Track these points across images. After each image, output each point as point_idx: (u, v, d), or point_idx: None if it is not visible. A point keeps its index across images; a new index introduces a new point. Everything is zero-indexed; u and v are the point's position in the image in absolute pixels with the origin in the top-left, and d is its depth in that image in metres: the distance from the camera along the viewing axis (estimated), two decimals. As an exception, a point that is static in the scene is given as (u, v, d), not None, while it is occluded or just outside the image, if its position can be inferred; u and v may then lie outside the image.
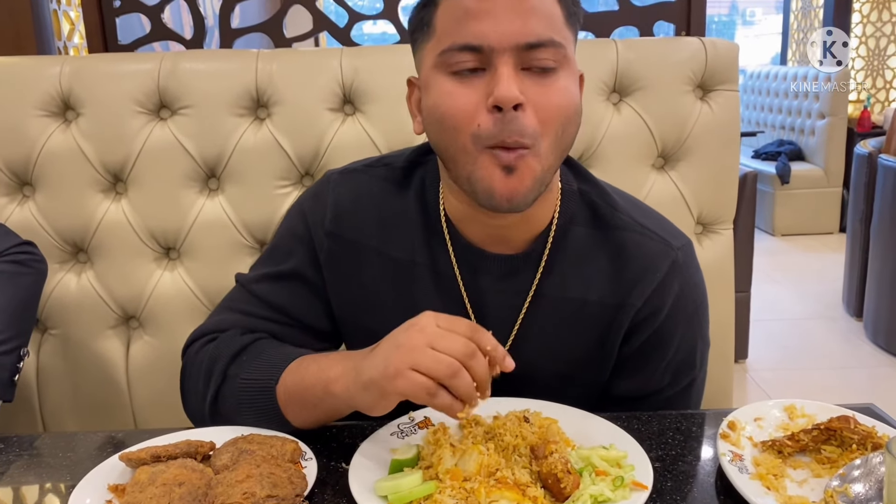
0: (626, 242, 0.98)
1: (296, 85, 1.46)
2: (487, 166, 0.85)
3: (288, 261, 1.05)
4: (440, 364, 0.77)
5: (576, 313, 0.98)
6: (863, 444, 0.82)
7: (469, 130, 0.84)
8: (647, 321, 0.98)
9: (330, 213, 1.03)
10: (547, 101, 0.85)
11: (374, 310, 1.03)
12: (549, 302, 0.98)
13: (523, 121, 0.83)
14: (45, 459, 0.94)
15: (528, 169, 0.85)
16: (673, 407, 1.04)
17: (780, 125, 6.15)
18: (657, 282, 0.97)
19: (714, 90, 1.48)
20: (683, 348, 1.01)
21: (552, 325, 0.99)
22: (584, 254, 0.98)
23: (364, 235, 1.02)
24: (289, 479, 0.78)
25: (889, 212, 3.46)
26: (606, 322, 0.98)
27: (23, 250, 1.33)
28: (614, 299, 0.97)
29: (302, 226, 1.05)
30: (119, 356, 1.53)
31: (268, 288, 1.05)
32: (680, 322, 1.00)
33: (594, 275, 0.98)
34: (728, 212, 1.53)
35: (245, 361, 0.96)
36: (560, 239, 0.98)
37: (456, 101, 0.85)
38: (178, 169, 1.47)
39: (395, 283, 1.01)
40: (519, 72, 0.84)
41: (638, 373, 1.02)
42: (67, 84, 1.45)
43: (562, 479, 0.75)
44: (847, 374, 3.37)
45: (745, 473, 0.80)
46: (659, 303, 0.98)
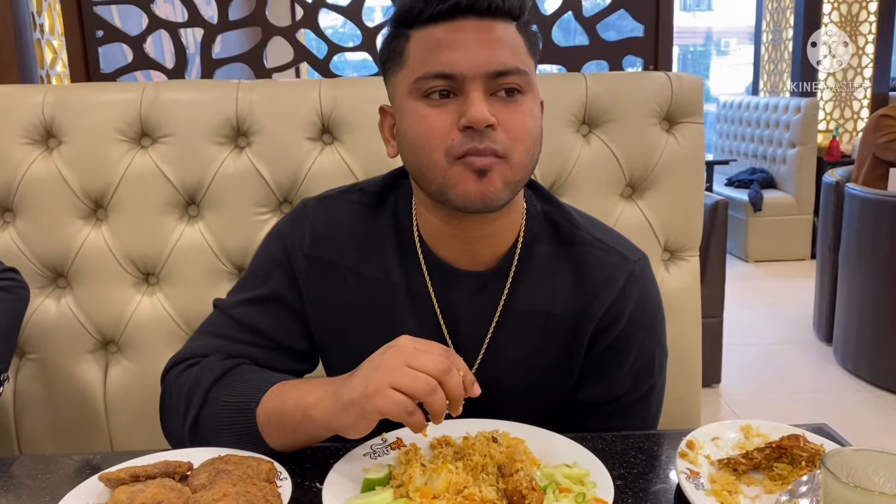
0: (586, 257, 1.05)
1: (275, 114, 1.50)
2: (460, 173, 0.90)
3: (266, 284, 1.08)
4: (418, 381, 0.82)
5: (542, 325, 1.04)
6: (811, 461, 0.87)
7: (443, 147, 0.90)
8: (607, 330, 1.04)
9: (308, 236, 1.07)
10: (515, 122, 0.92)
11: (352, 329, 1.07)
12: (518, 315, 1.04)
13: (494, 136, 0.90)
14: (24, 481, 0.96)
15: (500, 174, 0.91)
16: (634, 412, 1.09)
17: (752, 153, 6.29)
18: (616, 292, 1.04)
19: (680, 122, 1.54)
20: (642, 355, 1.07)
21: (520, 336, 1.05)
22: (548, 269, 1.05)
23: (341, 257, 1.06)
24: (264, 497, 0.80)
25: (856, 239, 3.55)
26: (570, 332, 1.04)
27: (6, 277, 1.35)
28: (577, 310, 1.03)
29: (280, 250, 1.08)
30: (97, 381, 1.54)
31: (246, 311, 1.08)
32: (638, 330, 1.06)
33: (557, 288, 1.04)
34: (694, 239, 1.58)
35: (226, 385, 0.99)
36: (525, 256, 1.04)
37: (430, 124, 0.91)
38: (159, 196, 1.49)
39: (372, 302, 1.05)
40: (488, 97, 0.91)
41: (600, 379, 1.07)
42: (50, 112, 1.48)
43: (526, 495, 0.79)
44: (817, 397, 3.43)
45: (701, 490, 0.84)
46: (618, 312, 1.04)
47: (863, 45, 5.86)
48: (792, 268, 5.56)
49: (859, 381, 3.53)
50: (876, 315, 3.45)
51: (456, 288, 1.04)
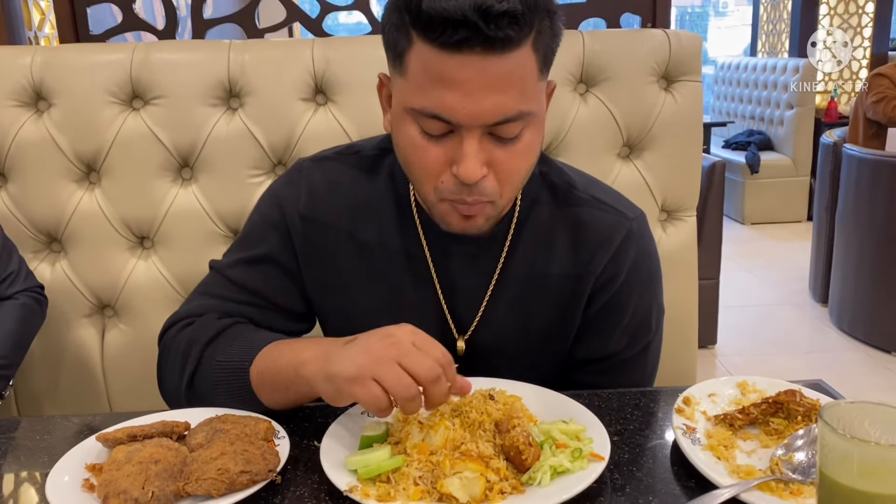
0: (584, 217, 1.04)
1: (268, 75, 1.48)
2: (446, 209, 0.91)
3: (261, 245, 1.08)
4: (401, 384, 0.79)
5: (540, 287, 1.04)
6: (807, 415, 0.87)
7: (432, 184, 0.90)
8: (605, 287, 1.04)
9: (304, 197, 1.06)
10: (510, 165, 0.88)
11: (347, 292, 1.06)
12: (515, 278, 1.04)
13: (484, 185, 0.88)
14: (23, 442, 0.96)
15: (484, 214, 0.92)
16: (630, 369, 1.10)
17: (749, 115, 6.25)
18: (613, 250, 1.03)
19: (678, 81, 1.52)
20: (639, 312, 1.07)
21: (518, 299, 1.04)
22: (546, 231, 1.04)
23: (337, 220, 1.05)
24: (262, 455, 0.81)
25: (853, 200, 3.54)
26: (568, 292, 1.04)
27: (42, 293, 1.42)
28: (575, 270, 1.03)
29: (276, 211, 1.07)
30: (94, 344, 1.54)
31: (242, 272, 1.07)
32: (635, 287, 1.06)
33: (556, 249, 1.04)
34: (691, 199, 1.58)
35: (221, 344, 0.99)
36: (523, 219, 1.04)
37: (422, 158, 0.88)
38: (152, 159, 1.48)
39: (368, 266, 1.05)
40: (485, 137, 0.86)
41: (598, 336, 1.07)
42: (39, 74, 1.46)
43: (523, 451, 0.79)
44: (812, 357, 3.46)
45: (697, 445, 0.84)
46: (615, 269, 1.04)
47: (863, 4, 5.80)
48: (788, 230, 5.57)
49: (854, 340, 3.55)
50: (871, 275, 3.46)
51: (453, 253, 1.03)
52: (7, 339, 1.30)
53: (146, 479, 0.78)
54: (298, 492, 0.81)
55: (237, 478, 0.77)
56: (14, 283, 1.35)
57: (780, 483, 0.77)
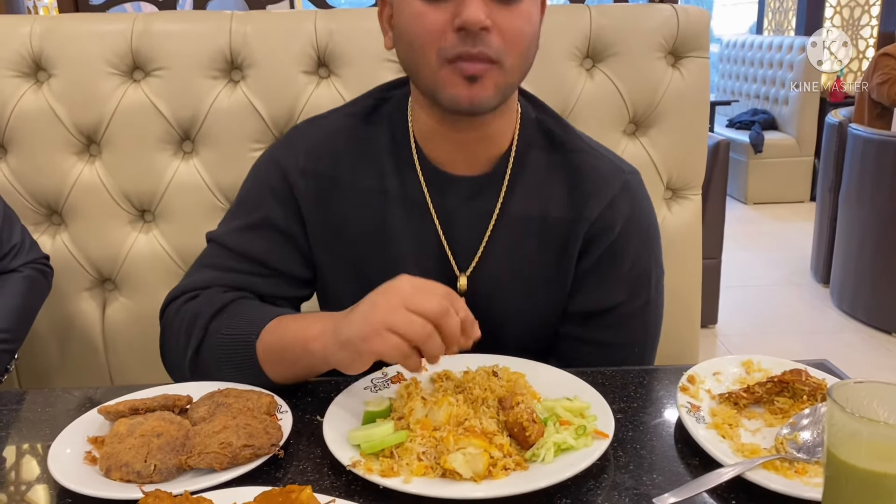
0: (580, 163, 1.05)
1: (270, 47, 1.46)
2: (450, 76, 0.90)
3: (259, 210, 1.07)
4: (414, 326, 0.80)
5: (538, 230, 1.04)
6: (813, 395, 0.87)
7: (435, 47, 0.90)
8: (600, 236, 1.04)
9: (302, 154, 1.06)
10: (511, 25, 0.90)
11: (351, 242, 1.06)
12: (513, 220, 1.04)
13: (488, 40, 0.89)
14: (25, 415, 0.96)
15: (492, 79, 0.91)
16: (630, 326, 1.09)
17: (754, 94, 6.20)
18: (610, 197, 1.04)
19: (685, 57, 1.50)
20: (637, 266, 1.07)
21: (516, 242, 1.05)
22: (543, 175, 1.05)
23: (337, 169, 1.05)
24: (265, 429, 0.80)
25: (857, 180, 3.53)
26: (564, 237, 1.04)
27: (47, 264, 1.40)
28: (571, 214, 1.04)
29: (274, 174, 1.07)
30: (95, 318, 1.54)
31: (240, 239, 1.06)
32: (632, 240, 1.06)
33: (553, 193, 1.05)
34: (697, 178, 1.56)
35: (226, 318, 0.98)
36: (520, 161, 1.05)
37: (424, 22, 0.90)
38: (152, 131, 1.46)
39: (369, 212, 1.05)
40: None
41: (597, 287, 1.06)
42: (38, 44, 1.44)
43: (527, 427, 0.79)
44: (813, 338, 3.46)
45: (701, 423, 0.84)
46: (611, 218, 1.04)
47: (871, -18, 5.73)
48: (790, 210, 5.55)
49: (855, 321, 3.55)
50: (874, 256, 3.45)
51: (451, 192, 1.04)
52: (11, 313, 1.30)
53: (148, 453, 0.77)
54: (301, 466, 0.81)
55: (240, 452, 0.77)
56: (18, 256, 1.33)
57: (785, 462, 0.76)
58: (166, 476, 0.77)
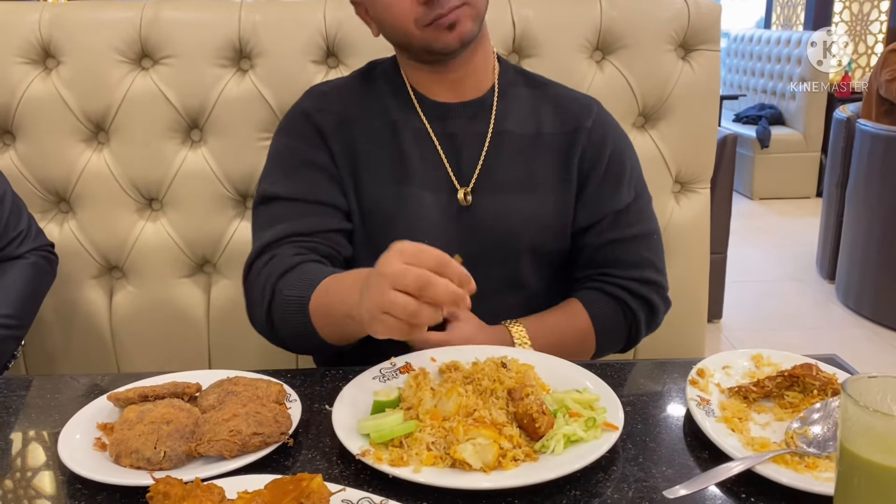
0: (557, 92, 1.23)
1: (279, 36, 1.45)
2: (434, 33, 1.05)
3: (293, 156, 1.16)
4: (402, 306, 0.77)
5: (534, 144, 1.17)
6: (823, 390, 0.86)
7: (411, 20, 1.05)
8: (601, 144, 1.18)
9: (318, 100, 1.20)
10: None
11: (370, 170, 1.16)
12: (508, 138, 1.17)
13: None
14: (34, 401, 0.96)
15: (467, 17, 1.05)
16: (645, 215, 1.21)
17: (761, 89, 6.17)
18: (594, 113, 1.19)
19: (695, 50, 1.49)
20: (636, 170, 1.23)
21: (513, 154, 1.16)
22: (529, 102, 1.20)
23: (348, 110, 1.18)
24: (274, 418, 0.80)
25: (864, 176, 3.51)
26: (564, 147, 1.17)
27: (52, 251, 1.41)
28: (567, 127, 1.18)
29: (300, 119, 1.18)
30: (102, 306, 1.54)
31: (284, 186, 1.14)
32: (625, 146, 1.22)
33: (542, 116, 1.19)
34: (706, 171, 1.56)
35: (289, 279, 1.04)
36: (504, 92, 1.19)
37: (394, 8, 1.05)
38: (161, 119, 1.46)
39: (381, 141, 1.17)
40: None
41: (615, 190, 1.18)
42: (47, 31, 1.44)
43: (537, 419, 0.78)
44: (818, 334, 3.45)
45: (711, 417, 0.84)
46: (603, 129, 1.19)
47: (881, -23, 5.70)
48: (796, 206, 5.53)
49: (860, 318, 3.54)
50: (880, 252, 3.44)
51: (448, 118, 1.17)
52: (18, 299, 1.30)
53: (158, 439, 0.77)
54: (310, 455, 0.81)
55: (249, 440, 0.77)
56: (24, 243, 1.34)
57: (796, 456, 0.76)
58: (176, 463, 0.77)
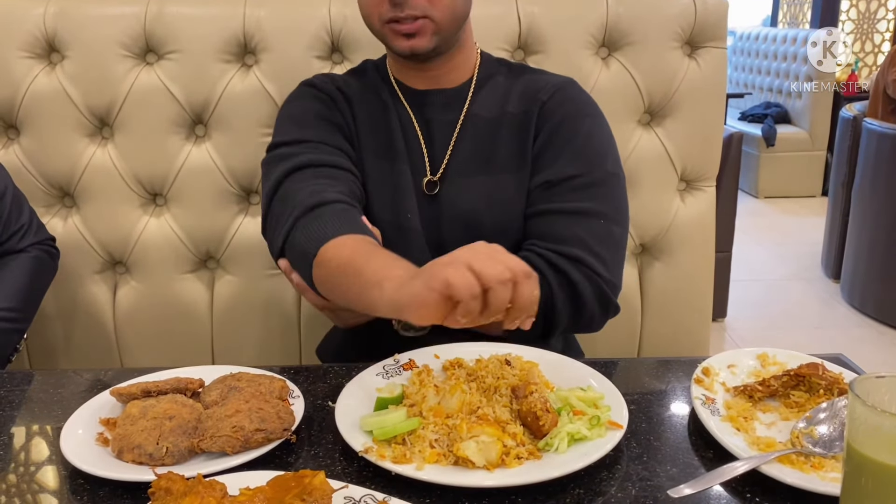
0: (531, 77, 1.26)
1: (284, 32, 1.45)
2: (391, 34, 1.12)
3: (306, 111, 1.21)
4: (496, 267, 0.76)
5: (498, 125, 1.22)
6: (830, 389, 0.86)
7: (376, 14, 1.12)
8: (551, 114, 1.19)
9: (324, 78, 1.26)
10: None
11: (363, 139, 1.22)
12: (476, 122, 1.22)
13: (414, 2, 1.08)
14: (36, 395, 0.96)
15: (425, 31, 1.11)
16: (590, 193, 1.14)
17: (767, 87, 6.15)
18: (556, 87, 1.22)
19: (702, 47, 1.48)
20: (591, 141, 1.19)
21: (479, 139, 1.22)
22: (502, 89, 1.24)
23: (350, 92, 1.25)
24: (277, 414, 0.80)
25: (871, 175, 3.49)
26: (523, 123, 1.21)
27: (53, 246, 1.41)
28: (526, 106, 1.22)
29: (307, 89, 1.24)
30: (106, 301, 1.54)
31: (295, 131, 1.18)
32: (583, 115, 1.20)
33: (509, 98, 1.23)
34: (712, 169, 1.55)
35: (310, 219, 1.03)
36: (482, 83, 1.24)
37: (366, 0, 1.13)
38: (165, 114, 1.46)
39: (376, 117, 1.23)
40: None
41: (554, 158, 1.18)
42: (52, 25, 1.43)
43: (540, 416, 0.78)
44: (822, 333, 3.44)
45: (716, 416, 0.83)
46: (560, 100, 1.20)
47: (888, -25, 5.67)
48: (801, 204, 5.51)
49: (865, 317, 3.53)
50: (886, 251, 3.42)
51: (426, 106, 1.23)
52: (20, 292, 1.30)
53: (160, 435, 0.77)
54: (313, 451, 0.80)
55: (252, 436, 0.77)
56: (25, 237, 1.34)
57: (801, 456, 0.76)
58: (178, 459, 0.77)
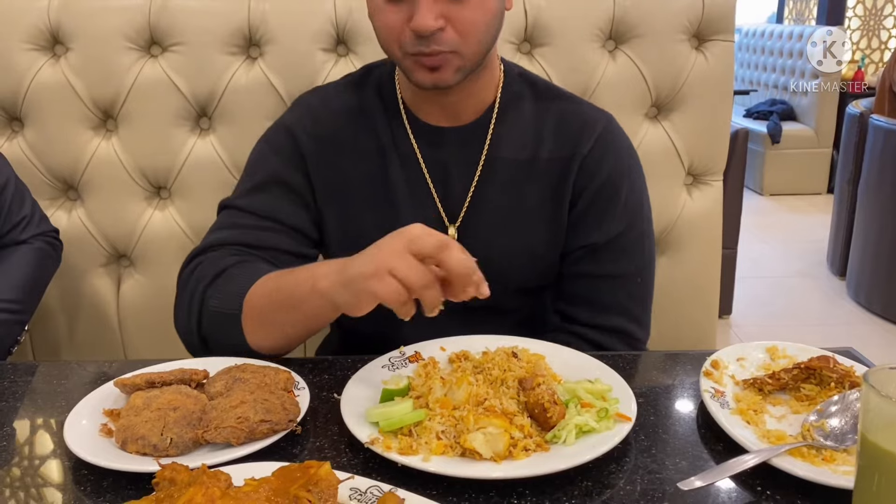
0: (564, 108, 1.12)
1: (289, 24, 1.44)
2: (413, 65, 0.98)
3: (266, 170, 1.11)
4: (414, 271, 0.78)
5: (528, 172, 1.09)
6: (841, 382, 0.85)
7: (396, 43, 0.97)
8: (596, 170, 1.09)
9: (307, 118, 1.13)
10: (464, 18, 0.94)
11: (353, 195, 1.11)
12: (501, 165, 1.09)
13: (442, 38, 0.94)
14: (40, 386, 0.96)
15: (451, 65, 0.97)
16: (629, 252, 1.11)
17: (773, 84, 6.12)
18: (597, 134, 1.10)
19: (710, 40, 1.47)
20: (633, 196, 1.12)
21: (505, 185, 1.09)
22: (529, 122, 1.11)
23: (336, 130, 1.12)
24: (282, 405, 0.79)
25: (877, 172, 3.48)
26: (556, 175, 1.09)
27: (56, 237, 1.41)
28: (562, 153, 1.09)
29: (284, 136, 1.12)
30: (110, 294, 1.54)
31: (251, 199, 1.10)
32: (625, 172, 1.12)
33: (540, 137, 1.10)
34: (719, 163, 1.54)
35: (220, 285, 0.99)
36: (504, 111, 1.10)
37: (384, 19, 0.97)
38: (169, 107, 1.45)
39: (369, 167, 1.10)
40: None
41: (598, 221, 1.10)
42: (56, 17, 1.43)
43: (548, 408, 0.77)
44: (828, 330, 3.43)
45: (725, 409, 0.82)
46: (603, 153, 1.09)
47: (895, -29, 5.64)
48: (807, 202, 5.49)
49: (871, 314, 3.51)
50: (892, 248, 3.41)
51: (440, 145, 1.09)
52: (21, 283, 1.30)
53: (164, 426, 0.77)
54: (318, 443, 0.80)
55: (257, 427, 0.76)
56: (28, 228, 1.33)
57: (812, 449, 0.75)
58: (182, 450, 0.76)
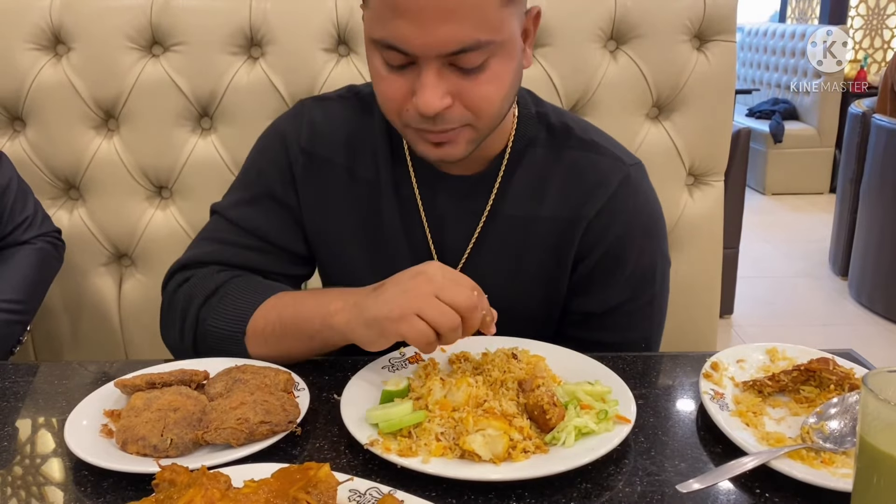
0: (580, 160, 1.02)
1: (290, 24, 1.44)
2: (416, 138, 0.90)
3: (259, 182, 1.06)
4: (445, 317, 0.80)
5: (529, 230, 1.02)
6: (840, 384, 0.85)
7: (396, 113, 0.89)
8: (602, 235, 1.01)
9: (305, 131, 1.05)
10: (475, 94, 0.86)
11: (342, 230, 1.06)
12: (504, 220, 1.02)
13: (449, 115, 0.86)
14: (41, 387, 0.96)
15: (462, 139, 0.89)
16: (634, 323, 1.06)
17: (775, 83, 6.12)
18: (609, 195, 1.00)
19: (711, 40, 1.47)
20: (641, 264, 1.04)
21: (505, 242, 1.03)
22: (539, 174, 1.02)
23: (335, 155, 1.05)
24: (282, 406, 0.79)
25: (880, 171, 3.47)
26: (559, 237, 1.02)
27: (59, 238, 1.41)
28: (567, 214, 1.01)
29: (277, 145, 1.07)
30: (111, 294, 1.54)
31: (243, 213, 1.06)
32: (636, 238, 1.03)
33: (548, 192, 1.02)
34: (720, 164, 1.54)
35: (214, 305, 0.97)
36: (515, 161, 1.02)
37: (386, 88, 0.88)
38: (171, 107, 1.46)
39: (362, 203, 1.05)
40: (445, 68, 0.84)
41: (600, 288, 1.04)
42: (58, 17, 1.43)
43: (547, 410, 0.77)
44: (830, 330, 3.42)
45: (725, 410, 0.82)
46: (611, 216, 1.01)
47: (898, -29, 5.63)
48: (809, 201, 5.48)
49: (873, 314, 3.51)
50: (894, 248, 3.40)
51: (442, 192, 1.02)
52: (24, 283, 1.30)
53: (165, 427, 0.77)
54: (318, 444, 0.80)
55: (257, 428, 0.76)
56: (30, 228, 1.34)
57: (811, 452, 0.75)
58: (182, 451, 0.76)
